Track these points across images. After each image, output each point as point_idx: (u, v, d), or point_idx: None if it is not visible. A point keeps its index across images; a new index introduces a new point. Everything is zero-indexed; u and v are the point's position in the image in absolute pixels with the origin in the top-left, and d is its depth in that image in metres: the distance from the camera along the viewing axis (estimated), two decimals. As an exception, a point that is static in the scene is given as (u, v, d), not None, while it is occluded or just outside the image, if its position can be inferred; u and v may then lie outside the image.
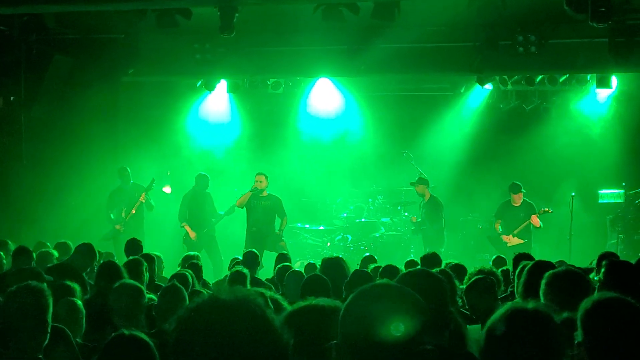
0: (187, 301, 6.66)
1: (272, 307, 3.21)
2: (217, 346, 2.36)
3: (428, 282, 4.07)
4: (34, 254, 10.96)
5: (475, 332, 4.69)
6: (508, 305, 3.40)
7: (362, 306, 2.95)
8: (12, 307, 5.15)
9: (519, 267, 7.71)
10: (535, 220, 16.41)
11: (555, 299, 4.98)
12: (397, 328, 2.84)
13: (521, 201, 16.62)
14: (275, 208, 16.73)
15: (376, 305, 2.93)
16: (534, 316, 3.30)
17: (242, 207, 16.68)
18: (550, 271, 5.33)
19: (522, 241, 16.28)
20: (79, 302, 6.40)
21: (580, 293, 4.65)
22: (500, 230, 16.81)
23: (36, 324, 5.09)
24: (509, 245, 16.22)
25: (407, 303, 2.97)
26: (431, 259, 10.10)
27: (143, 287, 6.62)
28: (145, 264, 9.23)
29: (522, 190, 16.61)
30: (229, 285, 8.53)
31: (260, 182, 16.55)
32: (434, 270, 7.61)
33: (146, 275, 9.08)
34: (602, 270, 6.24)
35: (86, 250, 10.50)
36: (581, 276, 5.29)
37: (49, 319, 5.18)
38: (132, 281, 6.79)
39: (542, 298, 5.16)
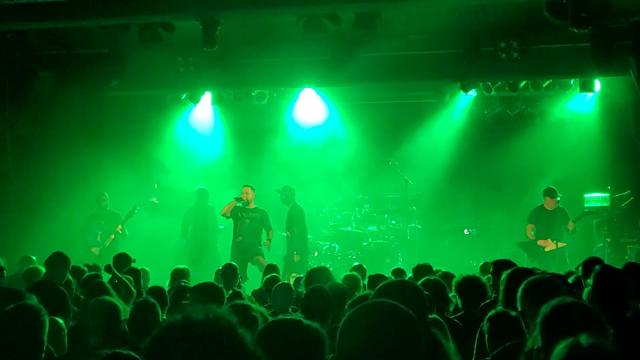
0: (161, 317, 6.68)
1: (254, 322, 3.25)
2: None
3: (407, 293, 4.12)
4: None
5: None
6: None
7: (360, 326, 3.05)
8: (7, 326, 5.17)
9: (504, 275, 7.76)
10: (572, 225, 16.31)
11: (528, 305, 5.05)
12: None
13: (555, 206, 16.49)
14: (262, 221, 16.75)
15: (373, 323, 3.04)
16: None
17: (227, 217, 16.70)
18: (527, 279, 5.40)
19: (564, 244, 16.11)
20: (61, 321, 6.41)
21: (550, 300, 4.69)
22: (534, 235, 16.48)
23: (32, 343, 5.10)
24: (547, 250, 16.04)
25: (402, 322, 3.07)
26: (423, 268, 10.09)
27: (118, 304, 6.61)
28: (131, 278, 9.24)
29: (559, 195, 16.50)
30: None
31: (247, 193, 16.59)
32: (425, 279, 7.77)
33: (133, 290, 9.12)
34: (592, 279, 6.26)
35: (59, 261, 10.18)
36: (553, 284, 5.34)
37: (45, 338, 5.20)
38: (108, 298, 6.78)
39: (518, 305, 5.22)
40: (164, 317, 6.95)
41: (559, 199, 16.45)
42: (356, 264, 12.96)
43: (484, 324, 6.27)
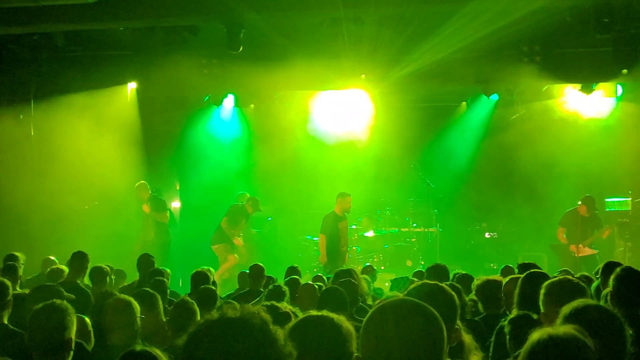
0: (198, 316, 6.77)
1: (287, 317, 3.36)
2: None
3: (440, 298, 4.10)
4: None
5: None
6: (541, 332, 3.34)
7: (382, 321, 3.07)
8: (36, 325, 5.27)
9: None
10: (607, 233, 16.37)
11: (550, 307, 5.09)
12: None
13: (591, 213, 16.50)
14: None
15: (395, 320, 3.05)
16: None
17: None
18: (549, 281, 5.45)
19: (595, 252, 16.12)
20: (87, 318, 6.53)
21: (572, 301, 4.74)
22: (566, 239, 16.53)
23: (60, 341, 5.20)
24: (577, 255, 16.09)
25: (426, 320, 3.09)
26: (439, 270, 10.12)
27: (133, 302, 6.70)
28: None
29: (596, 209, 16.53)
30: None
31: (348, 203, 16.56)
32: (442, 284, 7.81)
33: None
34: (612, 280, 6.33)
35: (80, 259, 10.56)
36: (577, 284, 5.38)
37: (73, 336, 5.29)
38: (124, 296, 6.87)
39: (541, 307, 5.27)
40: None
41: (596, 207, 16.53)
42: (367, 264, 12.95)
43: (505, 326, 6.32)
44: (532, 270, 6.73)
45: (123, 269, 12.76)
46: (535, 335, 3.29)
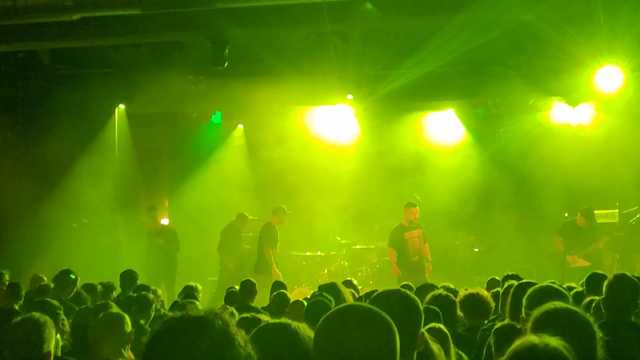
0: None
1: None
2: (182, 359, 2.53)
3: (402, 304, 4.13)
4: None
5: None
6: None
7: (333, 327, 3.10)
8: (15, 339, 5.22)
9: (504, 287, 7.86)
10: (603, 243, 16.37)
11: (529, 312, 5.10)
12: None
13: (589, 224, 16.48)
14: None
15: (347, 326, 3.07)
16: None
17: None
18: (531, 288, 5.48)
19: (588, 263, 15.99)
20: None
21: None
22: (564, 249, 16.46)
23: (38, 355, 5.13)
24: (572, 265, 16.02)
25: (376, 324, 3.10)
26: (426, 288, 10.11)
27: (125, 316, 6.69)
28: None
29: (595, 221, 16.57)
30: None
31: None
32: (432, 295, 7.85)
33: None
34: (605, 286, 6.47)
35: (64, 276, 10.92)
36: (558, 290, 5.42)
37: (52, 350, 5.25)
38: (117, 310, 6.86)
39: (523, 313, 5.28)
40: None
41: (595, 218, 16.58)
42: (348, 279, 12.88)
43: (490, 337, 6.32)
44: (524, 281, 6.79)
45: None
46: (515, 345, 3.33)
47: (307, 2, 13.22)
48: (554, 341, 3.30)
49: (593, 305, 6.90)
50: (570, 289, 8.15)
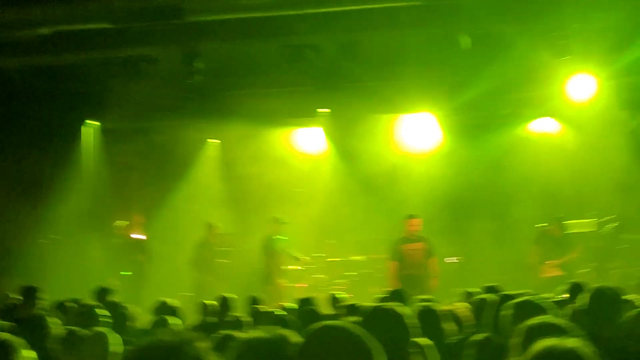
0: None
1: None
2: None
3: (391, 320, 4.29)
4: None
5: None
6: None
7: (315, 347, 3.16)
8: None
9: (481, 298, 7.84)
10: (578, 253, 16.40)
11: (510, 326, 5.10)
12: None
13: (562, 233, 16.57)
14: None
15: (327, 347, 3.13)
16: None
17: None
18: (512, 301, 5.47)
19: (562, 273, 16.03)
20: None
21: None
22: (538, 259, 16.51)
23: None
24: (541, 275, 16.09)
25: (355, 345, 3.12)
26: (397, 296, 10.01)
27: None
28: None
29: (567, 229, 16.65)
30: None
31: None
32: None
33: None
34: (589, 298, 6.48)
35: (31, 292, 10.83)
36: (537, 305, 5.41)
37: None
38: (100, 328, 6.82)
39: (503, 327, 5.27)
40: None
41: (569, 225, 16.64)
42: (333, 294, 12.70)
43: (470, 350, 6.29)
44: (505, 293, 6.81)
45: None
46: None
47: (279, 14, 13.18)
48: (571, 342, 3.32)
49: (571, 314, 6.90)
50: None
